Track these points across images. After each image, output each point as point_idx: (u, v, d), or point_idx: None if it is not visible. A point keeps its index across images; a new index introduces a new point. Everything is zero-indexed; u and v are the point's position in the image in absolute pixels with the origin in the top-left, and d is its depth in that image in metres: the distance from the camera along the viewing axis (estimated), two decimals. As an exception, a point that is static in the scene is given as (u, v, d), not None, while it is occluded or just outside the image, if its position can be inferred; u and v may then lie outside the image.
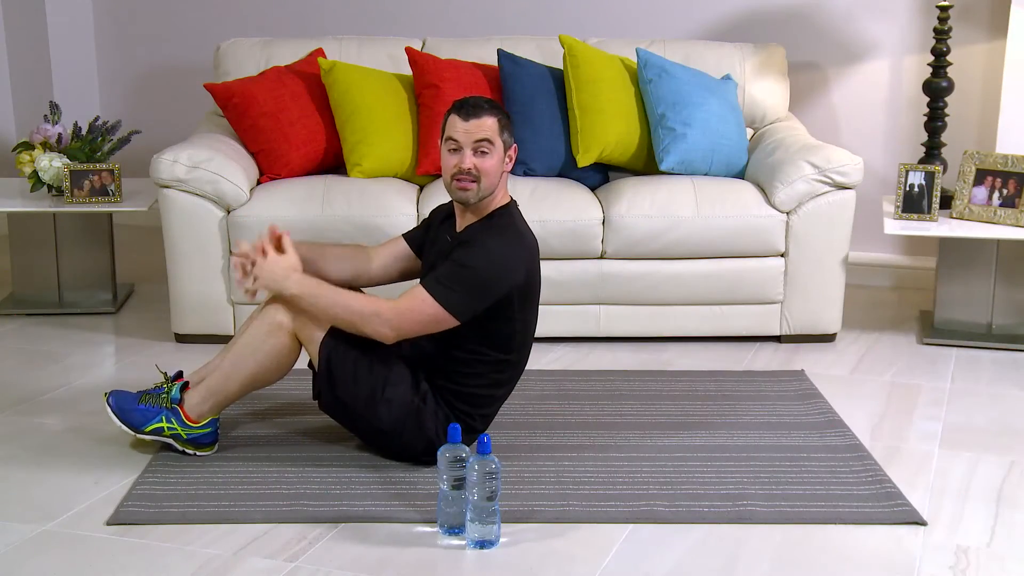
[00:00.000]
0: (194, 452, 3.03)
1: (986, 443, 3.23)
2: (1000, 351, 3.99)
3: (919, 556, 2.60)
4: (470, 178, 2.87)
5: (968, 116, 4.54)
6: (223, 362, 3.01)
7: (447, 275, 2.84)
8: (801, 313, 3.98)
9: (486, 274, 2.84)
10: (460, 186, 2.89)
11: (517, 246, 2.91)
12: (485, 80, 4.21)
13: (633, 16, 4.86)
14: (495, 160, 2.89)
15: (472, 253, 2.85)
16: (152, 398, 3.02)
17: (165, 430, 3.00)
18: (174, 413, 2.99)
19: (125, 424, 3.01)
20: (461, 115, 2.88)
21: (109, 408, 3.01)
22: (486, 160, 2.87)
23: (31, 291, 4.39)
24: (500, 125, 2.90)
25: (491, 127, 2.88)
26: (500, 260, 2.86)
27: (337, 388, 2.92)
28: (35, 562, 2.54)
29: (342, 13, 5.14)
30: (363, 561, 2.55)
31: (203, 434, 3.02)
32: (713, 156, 4.10)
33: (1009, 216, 3.97)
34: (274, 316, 2.92)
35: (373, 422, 2.94)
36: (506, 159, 2.93)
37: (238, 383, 2.99)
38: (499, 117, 2.91)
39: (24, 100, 5.35)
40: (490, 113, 2.89)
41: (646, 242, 3.88)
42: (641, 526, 2.72)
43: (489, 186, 2.89)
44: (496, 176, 2.90)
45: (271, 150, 4.08)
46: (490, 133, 2.88)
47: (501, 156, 2.91)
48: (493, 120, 2.89)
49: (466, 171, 2.86)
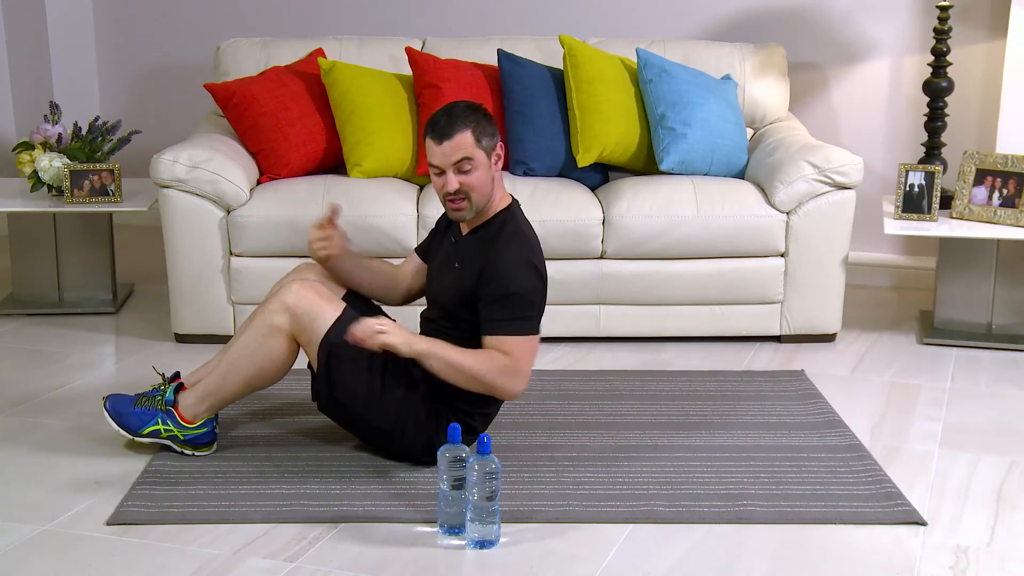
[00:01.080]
0: (192, 452, 3.04)
1: (986, 443, 3.23)
2: (1000, 351, 3.99)
3: (919, 556, 2.60)
4: (460, 197, 2.86)
5: (968, 116, 4.54)
6: (220, 363, 3.02)
7: (507, 312, 2.82)
8: (801, 313, 3.98)
9: (528, 287, 2.84)
10: (454, 207, 2.88)
11: (529, 251, 2.90)
12: (485, 80, 4.21)
13: (633, 16, 4.86)
14: (480, 172, 2.85)
15: (510, 280, 2.83)
16: (148, 400, 3.02)
17: (162, 432, 3.01)
18: (169, 415, 3.00)
19: (122, 428, 3.01)
20: (435, 138, 2.83)
21: (106, 412, 3.02)
22: (471, 176, 2.84)
23: (31, 291, 4.39)
24: (475, 135, 2.83)
25: (467, 142, 2.82)
26: (528, 270, 2.85)
27: (336, 389, 2.92)
28: (35, 562, 2.54)
29: (342, 13, 5.14)
30: (363, 561, 2.55)
31: (200, 434, 3.02)
32: (713, 156, 4.10)
33: (1009, 216, 3.97)
34: (272, 318, 2.92)
35: (373, 422, 2.94)
36: (492, 162, 2.88)
37: (235, 385, 2.99)
38: (473, 126, 2.83)
39: (24, 100, 5.35)
40: (462, 127, 2.82)
41: (646, 242, 3.88)
42: (641, 526, 2.72)
43: (481, 198, 2.88)
44: (487, 185, 2.87)
45: (271, 150, 4.08)
46: (467, 149, 2.82)
47: (486, 163, 2.86)
48: (466, 134, 2.82)
49: (454, 192, 2.85)
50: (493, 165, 2.88)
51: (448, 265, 2.98)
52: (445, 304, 2.98)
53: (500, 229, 2.91)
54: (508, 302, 2.82)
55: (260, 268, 3.88)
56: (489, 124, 2.88)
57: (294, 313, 2.90)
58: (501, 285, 2.82)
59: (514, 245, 2.87)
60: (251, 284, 3.89)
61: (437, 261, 3.06)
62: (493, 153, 2.88)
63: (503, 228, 2.91)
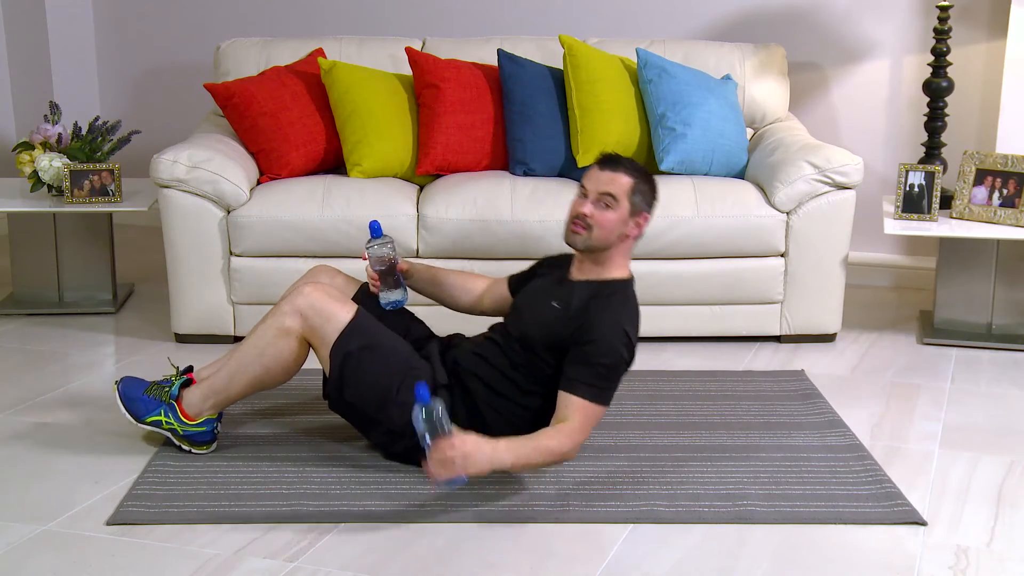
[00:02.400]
0: (190, 449, 3.04)
1: (986, 443, 3.23)
2: (1000, 351, 3.99)
3: (919, 556, 2.60)
4: (582, 224, 2.88)
5: (968, 116, 4.54)
6: (229, 362, 3.03)
7: (591, 377, 2.81)
8: (801, 313, 3.98)
9: (619, 360, 2.85)
10: (572, 228, 2.91)
11: (632, 328, 2.90)
12: (485, 80, 4.21)
13: (633, 16, 4.86)
14: (615, 217, 2.87)
15: (605, 349, 2.82)
16: (157, 390, 3.04)
17: (163, 424, 3.02)
18: (172, 409, 3.01)
19: (128, 412, 3.03)
20: (600, 165, 2.92)
21: (117, 394, 3.04)
22: (606, 213, 2.87)
23: (31, 291, 4.39)
24: (634, 187, 2.89)
25: (622, 184, 2.87)
26: (624, 346, 2.85)
27: (346, 391, 2.92)
28: (35, 562, 2.54)
29: (342, 13, 5.14)
30: (363, 561, 2.55)
31: (199, 432, 3.03)
32: (713, 156, 4.10)
33: (1009, 216, 3.97)
34: (283, 320, 2.92)
35: (384, 423, 2.94)
36: (631, 223, 2.91)
37: (241, 384, 2.99)
38: (636, 180, 2.89)
39: (24, 100, 5.35)
40: (628, 172, 2.89)
41: (646, 242, 3.87)
42: (641, 526, 2.72)
43: (600, 239, 2.89)
44: (611, 232, 2.88)
45: (271, 150, 4.07)
46: (618, 190, 2.87)
47: (624, 217, 2.88)
48: (627, 179, 2.88)
49: (581, 216, 2.88)
50: (629, 224, 2.90)
51: (546, 300, 2.96)
52: (529, 336, 2.93)
53: (612, 294, 2.90)
54: (597, 368, 2.81)
55: (260, 268, 3.88)
56: (651, 195, 2.95)
57: (306, 315, 2.90)
58: (596, 349, 2.81)
59: (622, 317, 2.87)
60: (251, 284, 3.89)
61: (532, 291, 3.07)
62: (638, 216, 2.91)
63: (615, 295, 2.91)
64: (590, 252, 2.92)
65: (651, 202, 2.96)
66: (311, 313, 2.90)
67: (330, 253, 3.85)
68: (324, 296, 2.93)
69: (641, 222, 2.93)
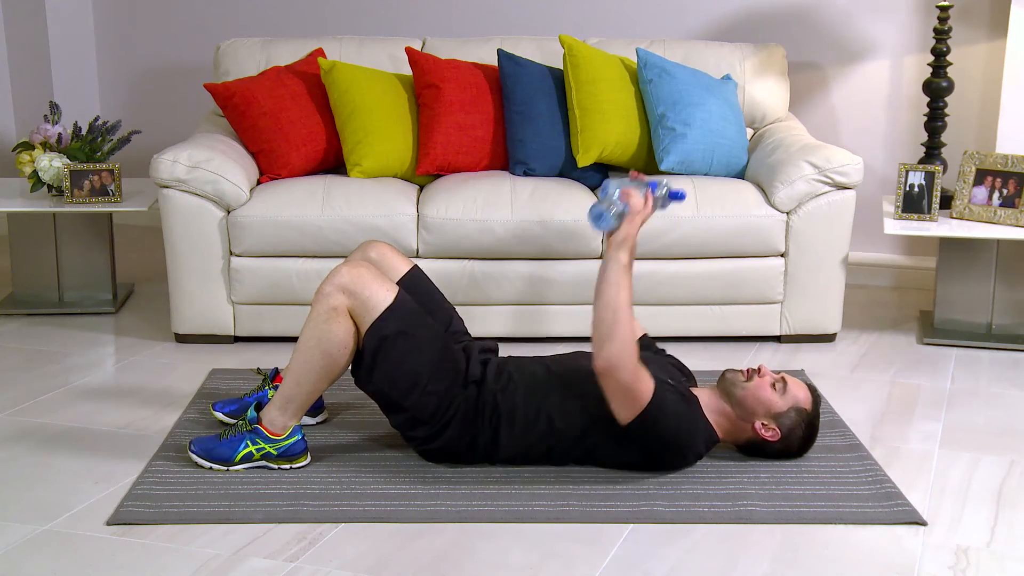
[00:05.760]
0: (289, 466, 2.97)
1: (986, 443, 3.23)
2: (1000, 351, 3.99)
3: (919, 556, 2.60)
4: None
5: (968, 116, 4.54)
6: (291, 364, 2.95)
7: (674, 401, 2.92)
8: (801, 313, 3.98)
9: (688, 431, 2.94)
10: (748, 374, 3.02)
11: (702, 443, 2.99)
12: (485, 80, 4.21)
13: (633, 16, 4.86)
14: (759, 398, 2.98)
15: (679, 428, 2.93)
16: (230, 429, 2.98)
17: (255, 454, 2.94)
18: (256, 433, 2.94)
19: (215, 463, 2.95)
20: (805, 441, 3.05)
21: (194, 455, 2.96)
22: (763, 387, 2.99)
23: (31, 291, 4.39)
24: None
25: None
26: (694, 437, 2.96)
27: (376, 373, 2.89)
28: (35, 562, 2.54)
29: (342, 13, 5.14)
30: (363, 561, 2.55)
31: (291, 444, 2.96)
32: (713, 156, 4.10)
33: (1009, 216, 3.97)
34: (329, 301, 2.87)
35: (411, 411, 2.91)
36: (757, 422, 2.98)
37: (310, 381, 2.92)
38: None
39: (24, 100, 5.35)
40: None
41: (646, 242, 3.86)
42: (641, 526, 2.72)
43: (745, 410, 2.98)
44: (756, 410, 2.98)
45: (271, 150, 4.07)
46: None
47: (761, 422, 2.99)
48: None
49: (760, 372, 3.01)
50: (754, 424, 2.99)
51: None
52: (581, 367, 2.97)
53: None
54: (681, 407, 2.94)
55: (260, 268, 3.88)
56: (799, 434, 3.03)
57: (351, 291, 2.86)
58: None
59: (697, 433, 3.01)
60: (251, 284, 3.89)
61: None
62: (767, 429, 2.98)
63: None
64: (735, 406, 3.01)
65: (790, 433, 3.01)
66: (355, 288, 2.86)
67: (330, 253, 3.85)
68: (365, 272, 2.90)
69: (767, 431, 2.99)
